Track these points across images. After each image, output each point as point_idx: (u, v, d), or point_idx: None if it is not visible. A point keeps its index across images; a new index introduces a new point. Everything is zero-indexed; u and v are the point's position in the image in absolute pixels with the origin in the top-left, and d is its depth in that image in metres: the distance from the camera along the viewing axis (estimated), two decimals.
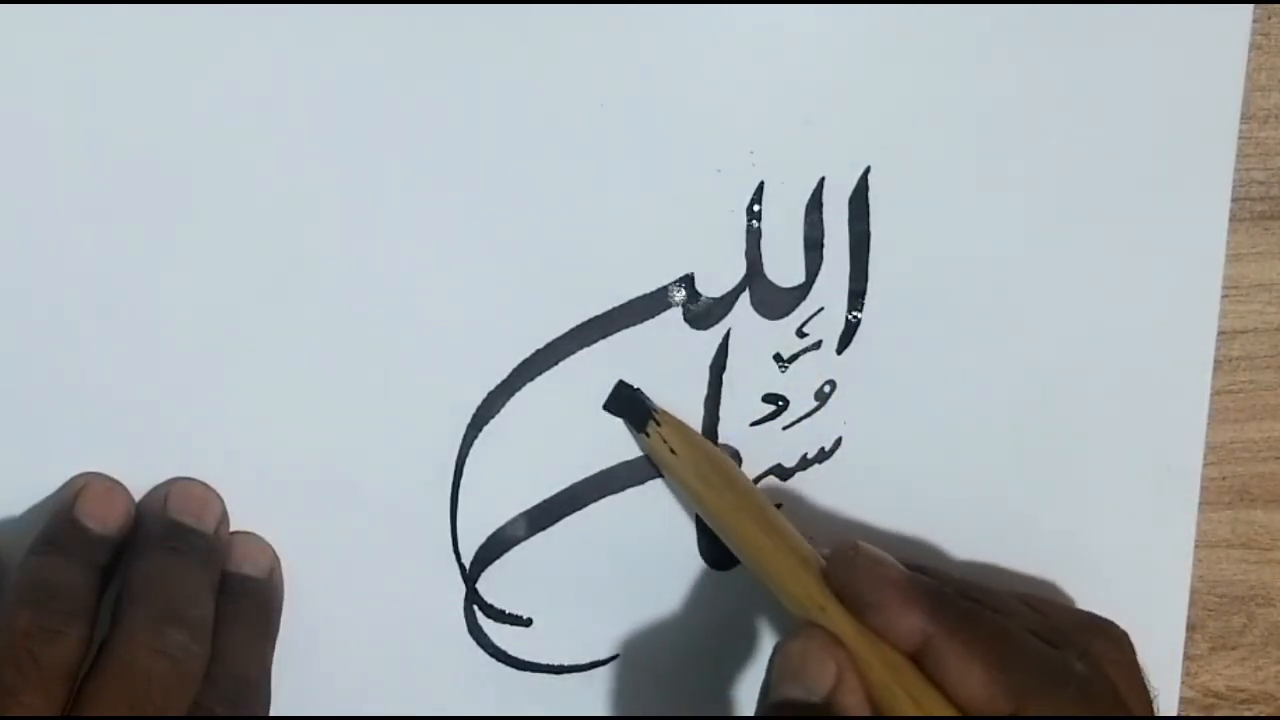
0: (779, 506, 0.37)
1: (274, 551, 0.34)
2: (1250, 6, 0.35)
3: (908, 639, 0.31)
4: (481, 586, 0.36)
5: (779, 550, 0.33)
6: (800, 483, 0.37)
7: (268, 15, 0.31)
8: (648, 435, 0.35)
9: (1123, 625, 0.38)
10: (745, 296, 0.35)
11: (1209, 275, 0.37)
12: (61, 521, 0.32)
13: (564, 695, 0.37)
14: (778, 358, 0.36)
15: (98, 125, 0.31)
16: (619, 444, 0.36)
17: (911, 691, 0.31)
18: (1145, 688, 0.33)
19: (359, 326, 0.33)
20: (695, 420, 0.36)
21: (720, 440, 0.36)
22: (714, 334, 0.35)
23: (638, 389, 0.35)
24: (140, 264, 0.32)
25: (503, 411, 0.35)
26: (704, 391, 0.36)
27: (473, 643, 0.36)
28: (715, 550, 0.37)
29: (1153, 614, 0.39)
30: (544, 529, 0.36)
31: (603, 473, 0.36)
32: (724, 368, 0.36)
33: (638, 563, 0.36)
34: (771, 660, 0.32)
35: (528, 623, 0.37)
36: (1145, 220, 0.36)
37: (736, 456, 0.36)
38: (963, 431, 0.37)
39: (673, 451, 0.34)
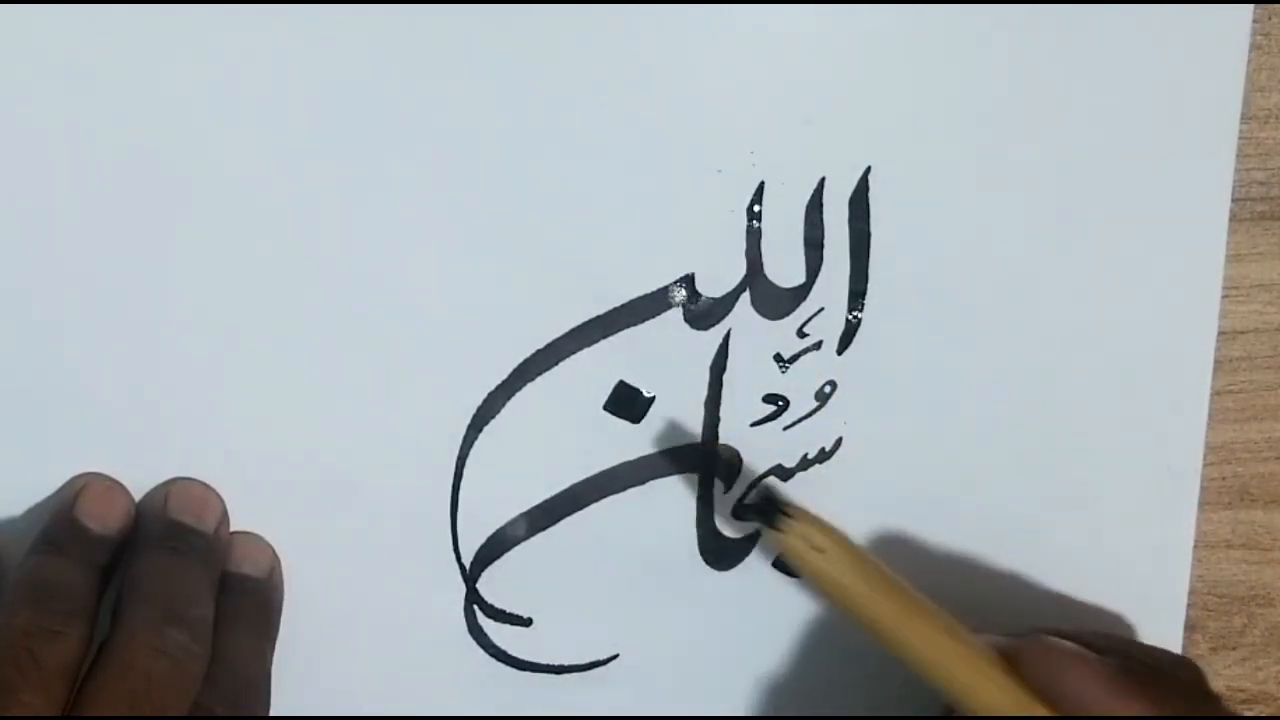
0: None
1: (274, 551, 0.34)
2: (1250, 6, 0.35)
3: None
4: (481, 586, 0.36)
5: (968, 654, 0.31)
6: (800, 483, 0.37)
7: (268, 15, 0.31)
8: (782, 532, 0.32)
9: (1122, 625, 0.38)
10: (745, 296, 0.35)
11: (1209, 275, 0.37)
12: (61, 521, 0.32)
13: (564, 695, 0.37)
14: (778, 358, 0.36)
15: (98, 125, 0.31)
16: (619, 444, 0.36)
17: None
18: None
19: (359, 326, 0.33)
20: (695, 421, 0.36)
21: (721, 440, 0.36)
22: (714, 334, 0.35)
23: (768, 490, 0.33)
24: (140, 264, 0.32)
25: (503, 411, 0.35)
26: (704, 392, 0.36)
27: (473, 643, 0.36)
28: (715, 550, 0.37)
29: (1153, 614, 0.39)
30: (544, 529, 0.36)
31: (603, 473, 0.36)
32: (724, 368, 0.36)
33: (638, 563, 0.36)
34: None
35: (528, 623, 0.37)
36: (1145, 220, 0.36)
37: (737, 457, 0.36)
38: (963, 432, 0.37)
39: (818, 549, 0.32)
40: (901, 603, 0.32)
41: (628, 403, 0.35)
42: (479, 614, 0.36)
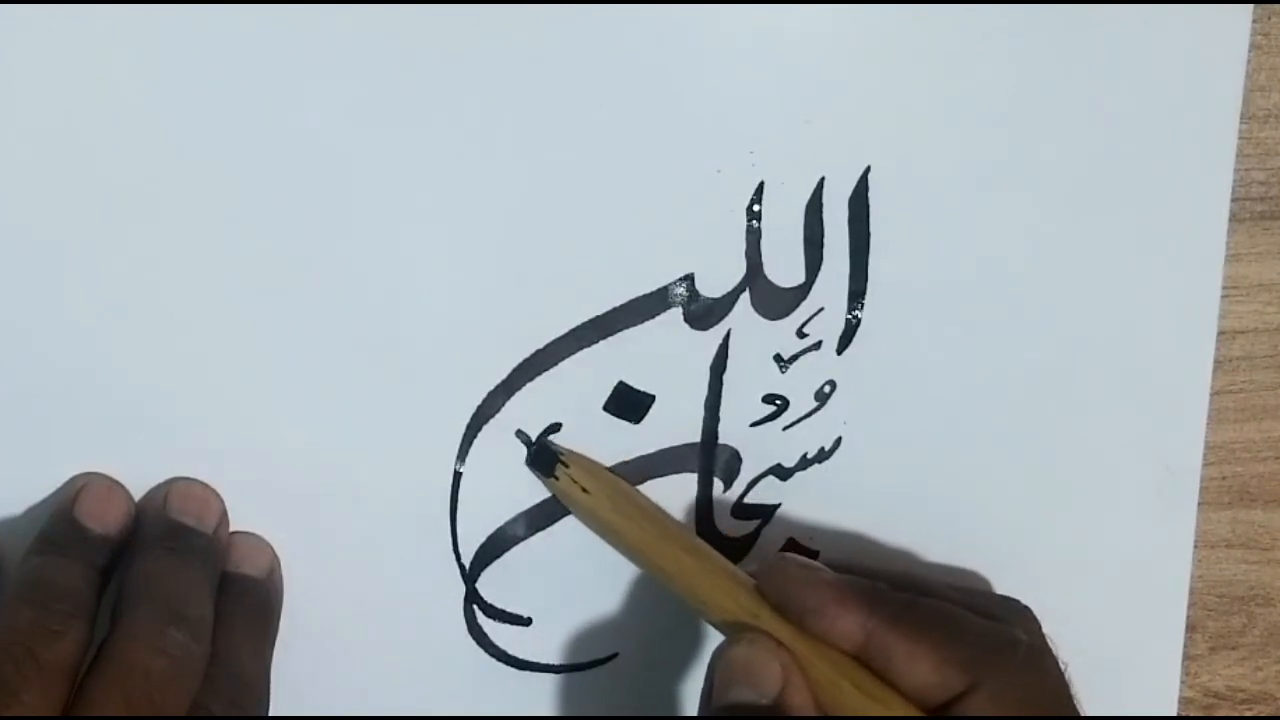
0: (778, 506, 0.37)
1: (274, 551, 0.34)
2: (1250, 6, 0.35)
3: (849, 638, 0.32)
4: (481, 586, 0.36)
5: (707, 569, 0.33)
6: (800, 483, 0.37)
7: (269, 15, 0.31)
8: (557, 479, 0.34)
9: (1123, 625, 0.38)
10: (745, 296, 0.35)
11: (1209, 275, 0.37)
12: (61, 521, 0.32)
13: (564, 695, 0.37)
14: (778, 358, 0.36)
15: (98, 125, 0.31)
16: (619, 444, 0.36)
17: (860, 686, 0.31)
18: (1059, 661, 0.34)
19: (359, 326, 0.33)
20: (695, 421, 0.36)
21: (721, 441, 0.36)
22: (714, 334, 0.35)
23: (544, 439, 0.35)
24: (140, 264, 0.32)
25: (503, 411, 0.35)
26: (704, 392, 0.36)
27: (473, 643, 0.36)
28: (715, 550, 0.37)
29: (1153, 614, 0.39)
30: (544, 529, 0.36)
31: None
32: (724, 368, 0.36)
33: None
34: (712, 666, 0.32)
35: (528, 623, 0.37)
36: (1145, 220, 0.36)
37: (736, 457, 0.36)
38: (962, 431, 0.37)
39: (584, 490, 0.34)
40: (654, 532, 0.34)
41: (628, 403, 0.35)
42: (479, 614, 0.36)
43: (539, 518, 0.36)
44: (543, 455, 0.35)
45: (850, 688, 0.31)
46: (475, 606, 0.36)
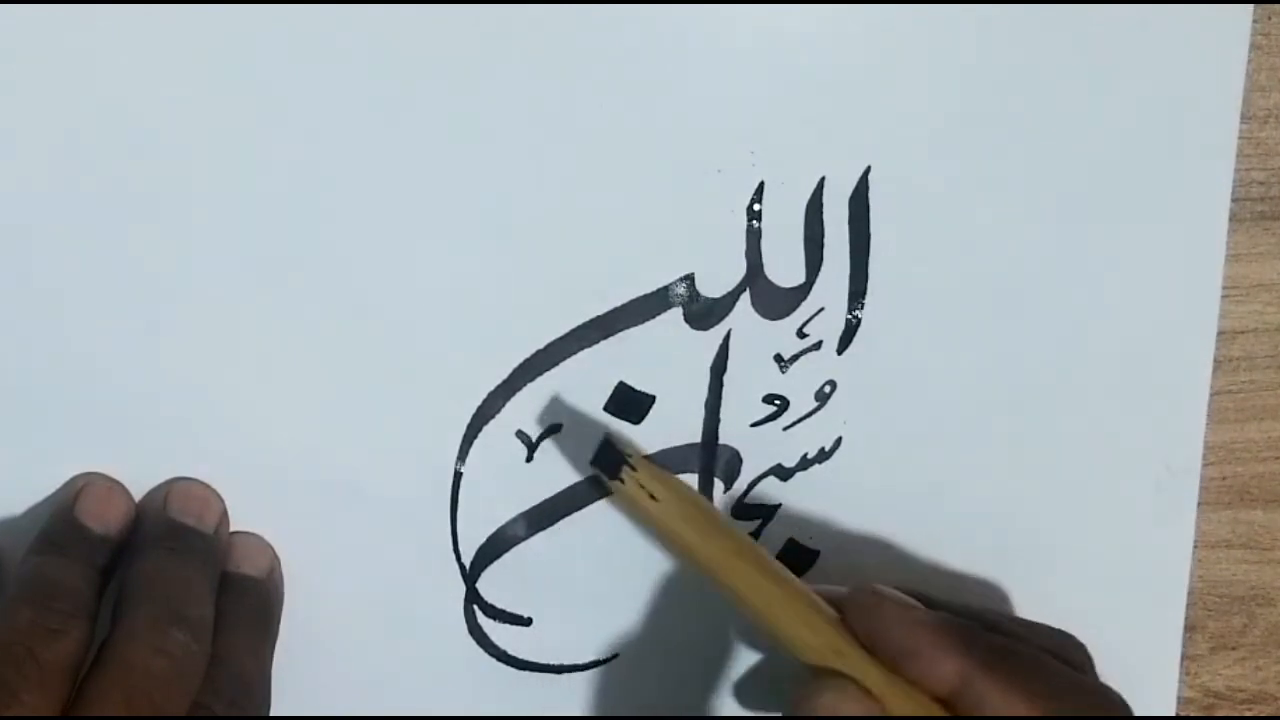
0: (778, 507, 0.37)
1: (274, 551, 0.34)
2: (1250, 6, 0.35)
3: (942, 683, 0.30)
4: (481, 586, 0.36)
5: (787, 596, 0.32)
6: (800, 483, 0.37)
7: (269, 14, 0.31)
8: (622, 482, 0.33)
9: (1122, 625, 0.38)
10: (745, 296, 0.35)
11: (1209, 275, 0.37)
12: (62, 521, 0.32)
13: (564, 695, 0.37)
14: (778, 358, 0.36)
15: (98, 125, 0.31)
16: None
17: None
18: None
19: (359, 326, 0.33)
20: (695, 421, 0.36)
21: (721, 441, 0.36)
22: (714, 334, 0.35)
23: (612, 437, 0.33)
24: (140, 264, 0.32)
25: (503, 411, 0.35)
26: (704, 392, 0.36)
27: (473, 643, 0.36)
28: None
29: (1152, 614, 0.39)
30: (544, 529, 0.36)
31: None
32: (724, 368, 0.36)
33: (637, 563, 0.36)
34: (794, 709, 0.31)
35: (528, 622, 0.37)
36: (1145, 220, 0.36)
37: (737, 457, 0.36)
38: (962, 431, 0.37)
39: (653, 498, 0.33)
40: (729, 549, 0.32)
41: (628, 403, 0.35)
42: (479, 614, 0.36)
43: (539, 518, 0.36)
44: (607, 455, 0.33)
45: None
46: (475, 606, 0.36)
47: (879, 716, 0.30)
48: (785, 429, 0.36)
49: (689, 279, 0.35)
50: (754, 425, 0.36)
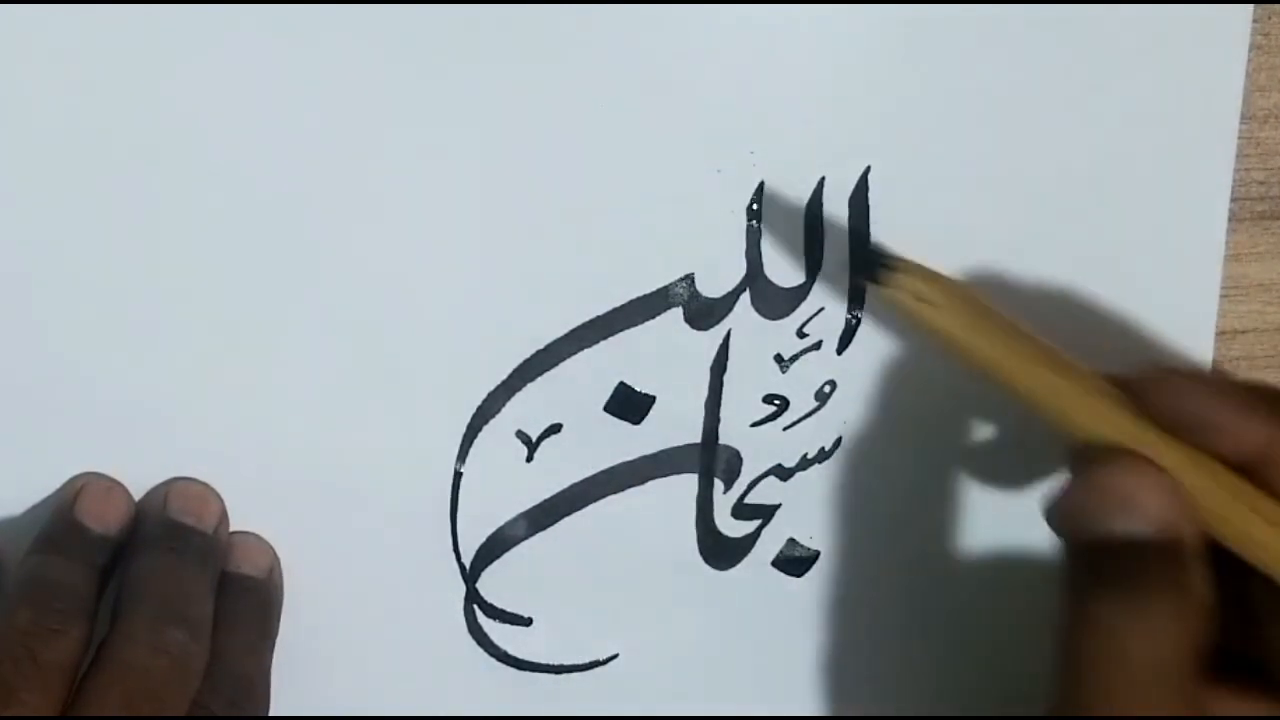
0: (779, 507, 0.37)
1: (274, 551, 0.34)
2: (1250, 6, 0.35)
3: (1248, 450, 0.29)
4: (481, 586, 0.36)
5: (1080, 389, 0.30)
6: (800, 483, 0.37)
7: (269, 14, 0.31)
8: (888, 287, 0.31)
9: None
10: (745, 296, 0.35)
11: (1209, 275, 0.37)
12: (61, 521, 0.32)
13: (564, 695, 0.37)
14: (778, 358, 0.36)
15: (97, 125, 0.31)
16: (619, 444, 0.36)
17: (1257, 507, 0.28)
18: None
19: (359, 326, 0.33)
20: (695, 421, 0.36)
21: (721, 441, 0.36)
22: (714, 334, 0.35)
23: (875, 244, 0.31)
24: (140, 263, 0.32)
25: (503, 411, 0.35)
26: (704, 392, 0.36)
27: (473, 643, 0.36)
28: (715, 550, 0.37)
29: None
30: (544, 529, 0.36)
31: (603, 473, 0.36)
32: (724, 368, 0.36)
33: (638, 563, 0.36)
34: (1084, 491, 0.29)
35: (528, 623, 0.37)
36: (1144, 220, 0.36)
37: (737, 457, 0.36)
38: (963, 432, 0.37)
39: (927, 302, 0.31)
40: (1014, 348, 0.31)
41: (628, 403, 0.35)
42: (479, 614, 0.36)
43: (539, 517, 0.36)
44: (870, 261, 0.31)
45: (1253, 515, 0.28)
46: (475, 606, 0.36)
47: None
48: (785, 429, 0.36)
49: (689, 279, 0.35)
50: (754, 425, 0.36)
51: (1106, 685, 0.28)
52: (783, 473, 0.37)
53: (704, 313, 0.35)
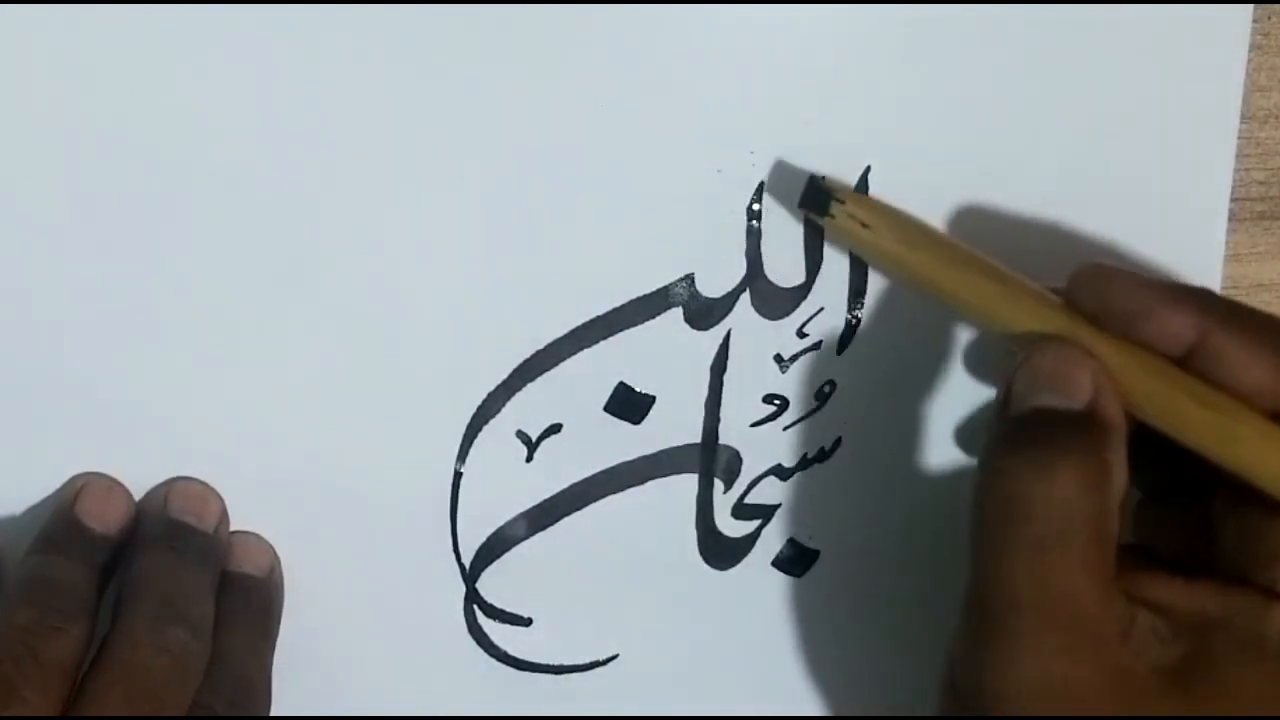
0: (779, 507, 0.37)
1: (274, 551, 0.34)
2: (1250, 6, 0.35)
3: (1179, 339, 0.30)
4: (481, 586, 0.36)
5: (1010, 292, 0.32)
6: (800, 483, 0.37)
7: (269, 14, 0.31)
8: (833, 218, 0.33)
9: None
10: (745, 296, 0.35)
11: (1209, 275, 0.37)
12: (62, 521, 0.32)
13: (564, 695, 0.37)
14: (778, 358, 0.36)
15: (98, 125, 0.31)
16: (619, 444, 0.36)
17: (1188, 390, 0.29)
18: None
19: (359, 326, 0.33)
20: (695, 421, 0.36)
21: (721, 441, 0.36)
22: (714, 334, 0.35)
23: (818, 177, 0.33)
24: (141, 264, 0.32)
25: (503, 411, 0.35)
26: (704, 392, 0.36)
27: (473, 643, 0.36)
28: (715, 550, 0.37)
29: None
30: (544, 529, 0.36)
31: (603, 473, 0.36)
32: (724, 368, 0.36)
33: (638, 563, 0.36)
34: (1012, 375, 0.30)
35: (528, 623, 0.37)
36: (1145, 220, 0.36)
37: (737, 457, 0.36)
38: (963, 432, 0.37)
39: (865, 226, 0.32)
40: (946, 258, 0.32)
41: (628, 403, 0.35)
42: (479, 614, 0.36)
43: (539, 517, 0.36)
44: (814, 194, 0.33)
45: (1175, 393, 0.29)
46: (475, 606, 0.36)
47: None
48: (785, 429, 0.36)
49: (689, 279, 0.35)
50: (754, 425, 0.36)
51: (1009, 542, 0.29)
52: (783, 473, 0.37)
53: (704, 313, 0.35)
